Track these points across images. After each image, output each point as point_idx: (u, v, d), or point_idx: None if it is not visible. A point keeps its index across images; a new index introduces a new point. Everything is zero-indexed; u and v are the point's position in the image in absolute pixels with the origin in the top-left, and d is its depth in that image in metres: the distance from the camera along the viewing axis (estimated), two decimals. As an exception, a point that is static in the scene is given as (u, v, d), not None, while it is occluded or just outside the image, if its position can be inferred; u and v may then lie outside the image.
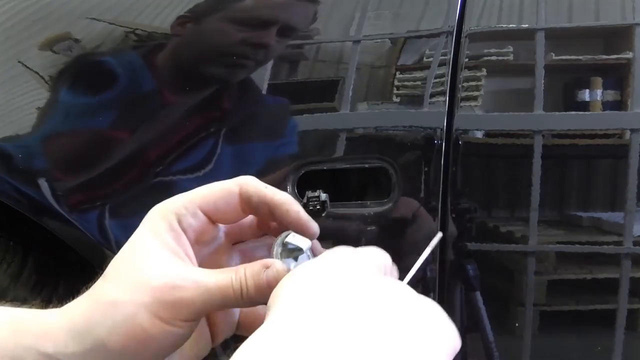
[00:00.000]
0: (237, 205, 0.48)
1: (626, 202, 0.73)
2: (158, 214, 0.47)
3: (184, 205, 0.47)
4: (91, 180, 0.78)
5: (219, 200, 0.48)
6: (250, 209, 0.49)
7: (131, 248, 0.46)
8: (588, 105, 0.76)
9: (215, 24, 0.82)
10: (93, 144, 0.80)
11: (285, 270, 0.45)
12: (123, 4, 0.87)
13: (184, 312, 0.44)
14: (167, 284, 0.44)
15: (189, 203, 0.47)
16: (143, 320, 0.43)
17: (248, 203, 0.48)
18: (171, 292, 0.43)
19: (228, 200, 0.48)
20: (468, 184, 0.76)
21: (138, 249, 0.46)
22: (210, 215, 0.48)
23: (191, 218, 0.47)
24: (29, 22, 0.88)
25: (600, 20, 0.79)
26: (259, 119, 0.80)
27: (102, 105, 0.80)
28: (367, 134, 0.78)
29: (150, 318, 0.43)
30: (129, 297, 0.43)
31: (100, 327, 0.43)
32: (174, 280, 0.44)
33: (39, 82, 0.84)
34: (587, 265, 0.77)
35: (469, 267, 0.75)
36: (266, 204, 0.48)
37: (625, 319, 0.75)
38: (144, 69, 0.81)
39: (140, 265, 0.45)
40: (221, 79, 0.81)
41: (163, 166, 0.77)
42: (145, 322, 0.43)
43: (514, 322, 0.77)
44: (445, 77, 0.76)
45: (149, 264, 0.45)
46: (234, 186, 0.48)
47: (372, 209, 0.75)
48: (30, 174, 0.79)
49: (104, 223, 0.78)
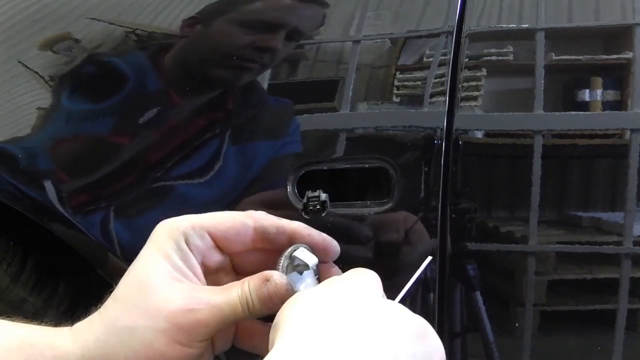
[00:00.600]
0: (247, 237, 0.49)
1: (626, 202, 0.73)
2: (165, 231, 0.47)
3: (192, 226, 0.47)
4: (96, 182, 0.78)
5: (229, 230, 0.49)
6: (264, 242, 0.50)
7: (141, 269, 0.47)
8: (588, 105, 0.76)
9: (224, 26, 0.82)
10: (97, 147, 0.80)
11: (285, 284, 0.46)
12: (123, 4, 0.87)
13: (201, 333, 0.44)
14: (181, 307, 0.44)
15: (198, 225, 0.48)
16: (161, 345, 0.43)
17: (264, 235, 0.49)
18: (187, 315, 0.44)
19: (239, 231, 0.49)
20: (468, 184, 0.76)
21: (149, 271, 0.46)
22: (217, 242, 0.49)
23: (198, 240, 0.48)
24: (29, 22, 0.88)
25: (600, 20, 0.79)
26: (260, 119, 0.80)
27: (107, 109, 0.80)
28: (367, 134, 0.78)
29: (168, 342, 0.43)
30: (145, 323, 0.43)
31: (117, 354, 0.44)
32: (188, 303, 0.44)
33: (39, 82, 0.84)
34: (587, 265, 0.77)
35: (469, 267, 0.75)
36: (285, 234, 0.49)
37: (625, 319, 0.75)
38: (150, 70, 0.81)
39: (153, 289, 0.45)
40: (227, 81, 0.81)
41: (167, 168, 0.77)
42: (163, 347, 0.43)
43: (514, 322, 0.77)
44: (445, 77, 0.76)
45: (161, 288, 0.45)
46: (248, 219, 0.49)
47: (372, 209, 0.75)
48: (33, 174, 0.80)
49: (107, 225, 0.78)
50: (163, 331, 0.43)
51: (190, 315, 0.44)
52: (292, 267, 0.49)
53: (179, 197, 0.77)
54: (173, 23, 0.83)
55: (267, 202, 0.74)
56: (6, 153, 0.81)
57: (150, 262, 0.47)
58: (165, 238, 0.47)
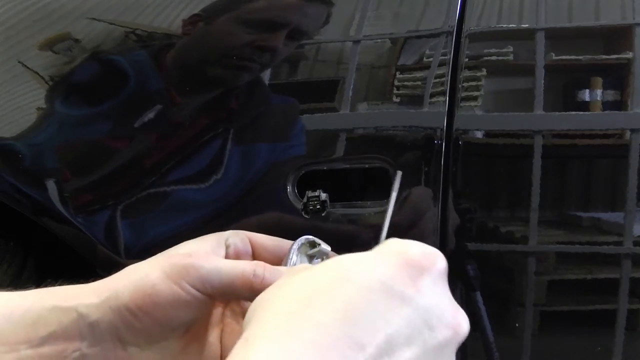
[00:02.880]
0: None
1: (626, 202, 0.73)
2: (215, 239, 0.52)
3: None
4: (99, 182, 0.79)
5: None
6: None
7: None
8: (588, 105, 0.76)
9: (226, 25, 0.82)
10: (98, 148, 0.80)
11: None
12: (124, 4, 0.87)
13: (192, 276, 0.46)
14: (185, 253, 0.48)
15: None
16: (155, 277, 0.46)
17: (263, 249, 0.52)
18: (185, 257, 0.47)
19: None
20: (468, 184, 0.76)
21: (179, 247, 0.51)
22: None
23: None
24: (29, 22, 0.88)
25: (600, 20, 0.79)
26: (262, 119, 0.80)
27: (104, 112, 0.80)
28: (367, 134, 0.78)
29: (161, 276, 0.46)
30: (151, 262, 0.47)
31: (119, 283, 0.47)
32: (192, 250, 0.49)
33: (39, 82, 0.84)
34: (587, 265, 0.77)
35: (469, 267, 0.75)
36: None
37: (625, 319, 0.75)
38: (153, 69, 0.81)
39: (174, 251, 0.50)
40: (227, 81, 0.81)
41: (171, 170, 0.77)
42: (156, 279, 0.46)
43: (514, 322, 0.77)
44: (445, 77, 0.76)
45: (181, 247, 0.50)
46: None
47: (372, 209, 0.75)
48: (36, 175, 0.80)
49: (110, 226, 0.78)
50: (161, 266, 0.46)
51: (187, 257, 0.47)
52: (302, 254, 0.49)
53: (181, 198, 0.77)
54: (173, 23, 0.83)
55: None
56: (7, 153, 0.81)
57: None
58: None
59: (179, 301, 0.46)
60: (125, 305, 0.46)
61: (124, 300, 0.46)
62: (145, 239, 0.78)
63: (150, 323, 0.46)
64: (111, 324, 0.46)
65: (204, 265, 0.46)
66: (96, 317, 0.46)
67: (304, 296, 0.36)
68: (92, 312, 0.46)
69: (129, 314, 0.46)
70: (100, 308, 0.46)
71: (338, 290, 0.36)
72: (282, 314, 0.36)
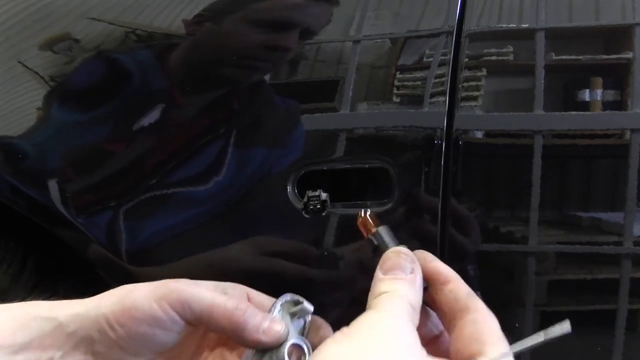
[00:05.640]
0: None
1: (626, 202, 0.73)
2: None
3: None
4: (100, 183, 0.79)
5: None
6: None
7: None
8: (588, 105, 0.76)
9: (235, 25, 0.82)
10: (99, 149, 0.80)
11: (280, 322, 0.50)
12: (123, 4, 0.87)
13: (173, 298, 0.48)
14: (176, 279, 0.50)
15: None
16: (138, 294, 0.48)
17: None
18: (173, 281, 0.49)
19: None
20: (468, 184, 0.76)
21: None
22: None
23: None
24: (29, 22, 0.88)
25: (600, 20, 0.79)
26: (262, 119, 0.80)
27: (101, 115, 0.80)
28: (367, 134, 0.78)
29: (144, 294, 0.48)
30: (144, 283, 0.50)
31: (105, 297, 0.49)
32: (180, 279, 0.50)
33: (39, 82, 0.84)
34: (587, 265, 0.77)
35: (469, 267, 0.75)
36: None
37: (625, 319, 0.75)
38: (156, 68, 0.81)
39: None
40: (235, 81, 0.81)
41: (170, 170, 0.77)
42: (139, 295, 0.48)
43: (514, 322, 0.77)
44: (445, 77, 0.76)
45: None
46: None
47: (372, 209, 0.75)
48: (36, 173, 0.80)
49: (112, 227, 0.78)
50: (148, 285, 0.49)
51: (175, 282, 0.49)
52: (285, 311, 0.50)
53: (183, 199, 0.77)
54: (174, 23, 0.83)
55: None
56: (7, 153, 0.81)
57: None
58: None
59: (156, 320, 0.47)
60: (104, 315, 0.47)
61: (104, 311, 0.48)
62: (146, 239, 0.78)
63: (125, 336, 0.47)
64: (87, 334, 0.48)
65: (186, 289, 0.48)
66: (74, 327, 0.48)
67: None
68: (71, 321, 0.48)
69: (105, 324, 0.47)
70: (80, 317, 0.48)
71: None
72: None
